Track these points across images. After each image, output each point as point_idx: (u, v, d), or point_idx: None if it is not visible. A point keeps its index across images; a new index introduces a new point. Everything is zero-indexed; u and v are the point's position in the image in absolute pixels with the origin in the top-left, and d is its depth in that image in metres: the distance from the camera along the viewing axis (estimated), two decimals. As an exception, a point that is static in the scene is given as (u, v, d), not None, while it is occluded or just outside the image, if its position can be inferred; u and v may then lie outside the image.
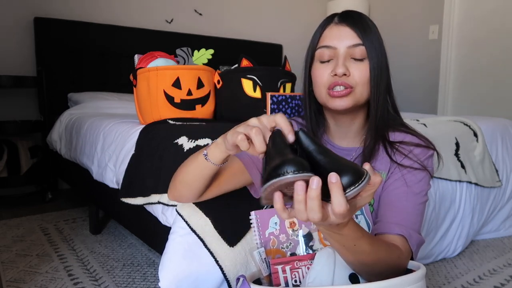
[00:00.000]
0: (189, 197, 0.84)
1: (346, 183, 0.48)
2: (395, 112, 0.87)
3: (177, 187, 0.83)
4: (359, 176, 0.49)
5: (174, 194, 0.85)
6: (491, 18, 3.15)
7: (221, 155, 0.71)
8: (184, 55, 1.59)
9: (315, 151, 0.53)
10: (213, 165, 0.73)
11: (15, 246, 1.73)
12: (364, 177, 0.49)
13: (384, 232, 0.77)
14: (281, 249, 0.81)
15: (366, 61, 0.79)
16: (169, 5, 3.12)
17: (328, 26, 0.82)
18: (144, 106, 1.53)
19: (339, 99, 0.79)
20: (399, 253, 0.73)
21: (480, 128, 1.76)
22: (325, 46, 0.80)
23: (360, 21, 0.80)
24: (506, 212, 1.84)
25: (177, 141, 1.14)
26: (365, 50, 0.78)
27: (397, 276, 0.73)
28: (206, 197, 0.86)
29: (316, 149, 0.53)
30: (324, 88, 0.80)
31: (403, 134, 0.84)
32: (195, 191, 0.82)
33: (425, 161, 0.82)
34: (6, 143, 2.37)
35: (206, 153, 0.73)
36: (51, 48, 2.53)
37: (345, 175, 0.49)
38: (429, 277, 1.43)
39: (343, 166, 0.50)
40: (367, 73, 0.78)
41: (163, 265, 0.93)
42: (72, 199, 2.50)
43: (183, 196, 0.84)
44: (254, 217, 0.82)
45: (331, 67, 0.79)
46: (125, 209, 1.33)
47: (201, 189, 0.82)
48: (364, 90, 0.80)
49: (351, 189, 0.49)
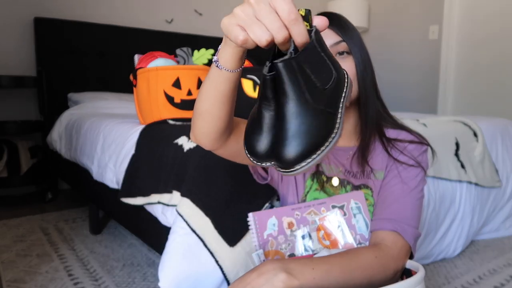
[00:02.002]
0: (209, 133, 0.69)
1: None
2: (383, 107, 0.87)
3: (196, 122, 0.69)
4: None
5: (194, 131, 0.70)
6: (491, 18, 3.15)
7: (233, 55, 0.55)
8: (184, 55, 1.59)
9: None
10: (228, 73, 0.58)
11: (15, 246, 1.73)
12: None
13: (376, 229, 0.78)
14: (279, 250, 0.81)
15: (350, 56, 0.80)
16: (169, 5, 3.12)
17: None
18: (144, 106, 1.53)
19: None
20: (392, 251, 0.73)
21: (480, 128, 1.76)
22: None
23: (338, 20, 0.81)
24: (506, 212, 1.84)
25: (177, 141, 1.14)
26: (347, 46, 0.79)
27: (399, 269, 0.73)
28: (227, 145, 0.73)
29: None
30: None
31: (397, 131, 0.85)
32: (215, 123, 0.66)
33: (419, 157, 0.83)
34: (6, 143, 2.37)
35: (216, 59, 0.58)
36: (51, 48, 2.53)
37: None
38: (429, 277, 1.43)
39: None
40: (353, 68, 0.79)
41: (163, 265, 0.93)
42: (72, 199, 2.50)
43: (203, 133, 0.69)
44: (252, 218, 0.82)
45: None
46: (125, 209, 1.33)
47: (222, 118, 0.66)
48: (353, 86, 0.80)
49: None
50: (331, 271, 0.66)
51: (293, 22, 0.44)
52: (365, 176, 0.85)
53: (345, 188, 0.86)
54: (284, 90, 0.44)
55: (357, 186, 0.85)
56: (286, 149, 0.44)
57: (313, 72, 0.45)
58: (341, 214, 0.83)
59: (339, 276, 0.66)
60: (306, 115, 0.44)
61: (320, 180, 0.88)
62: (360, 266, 0.69)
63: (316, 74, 0.45)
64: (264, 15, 0.45)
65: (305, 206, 0.84)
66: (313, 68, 0.45)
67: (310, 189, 0.89)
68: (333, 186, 0.87)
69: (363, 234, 0.81)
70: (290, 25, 0.44)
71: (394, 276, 0.73)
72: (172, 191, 1.06)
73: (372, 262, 0.70)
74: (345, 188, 0.86)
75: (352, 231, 0.81)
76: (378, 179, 0.83)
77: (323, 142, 0.44)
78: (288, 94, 0.43)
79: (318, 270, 0.65)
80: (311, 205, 0.84)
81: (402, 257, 0.75)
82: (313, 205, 0.84)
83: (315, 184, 0.88)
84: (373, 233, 0.78)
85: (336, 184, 0.87)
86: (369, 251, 0.72)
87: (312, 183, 0.89)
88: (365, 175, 0.85)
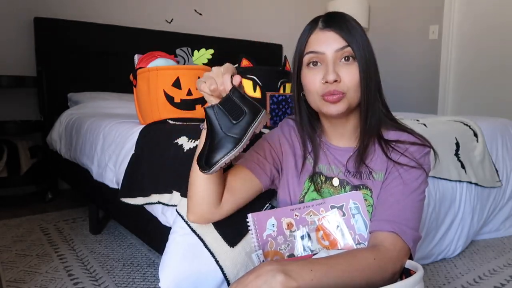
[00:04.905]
0: (205, 208, 0.83)
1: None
2: (386, 111, 0.87)
3: (191, 200, 0.83)
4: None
5: (192, 210, 0.84)
6: (491, 18, 3.15)
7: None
8: (184, 55, 1.59)
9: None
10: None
11: (15, 246, 1.73)
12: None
13: (375, 230, 0.77)
14: (279, 251, 0.81)
15: (355, 62, 0.79)
16: (169, 5, 3.12)
17: (313, 31, 0.82)
18: (144, 106, 1.53)
19: (333, 105, 0.79)
20: (391, 253, 0.73)
21: (480, 128, 1.76)
22: (312, 51, 0.81)
23: (344, 23, 0.80)
24: (506, 212, 1.84)
25: (177, 141, 1.14)
26: (353, 51, 0.79)
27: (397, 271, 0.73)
28: (224, 209, 0.85)
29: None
30: (317, 95, 0.81)
31: (399, 133, 0.85)
32: (210, 196, 0.81)
33: (421, 159, 0.82)
34: (6, 143, 2.37)
35: (202, 125, 0.80)
36: (51, 48, 2.53)
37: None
38: (429, 277, 1.43)
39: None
40: (357, 75, 0.79)
41: (163, 265, 0.93)
42: (72, 199, 2.50)
43: (200, 210, 0.83)
44: (251, 219, 0.82)
45: (321, 72, 0.80)
46: (125, 209, 1.33)
47: (215, 189, 0.81)
48: (355, 93, 0.80)
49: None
50: (330, 273, 0.66)
51: (220, 83, 0.73)
52: (365, 177, 0.84)
53: (344, 188, 0.86)
54: (211, 122, 0.72)
55: (357, 186, 0.85)
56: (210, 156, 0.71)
57: (229, 112, 0.71)
58: (340, 214, 0.83)
59: (338, 277, 0.66)
60: (223, 137, 0.71)
61: (317, 182, 0.88)
62: (359, 268, 0.69)
63: (230, 113, 0.71)
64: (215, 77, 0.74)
65: (304, 206, 0.84)
66: (229, 110, 0.71)
67: (308, 190, 0.89)
68: (333, 186, 0.87)
69: (362, 234, 0.81)
70: (219, 84, 0.73)
71: (393, 278, 0.73)
72: (172, 191, 1.06)
73: (371, 264, 0.70)
74: (345, 188, 0.86)
75: (351, 231, 0.82)
76: (378, 180, 0.83)
77: (231, 151, 0.70)
78: (213, 125, 0.71)
79: (317, 272, 0.65)
80: (310, 205, 0.84)
81: (400, 259, 0.74)
82: (312, 205, 0.84)
83: (313, 186, 0.88)
84: (372, 234, 0.78)
85: (336, 184, 0.87)
86: (367, 252, 0.72)
87: (310, 185, 0.89)
88: (365, 176, 0.84)
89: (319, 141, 0.91)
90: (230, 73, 0.72)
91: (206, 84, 0.73)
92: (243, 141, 0.70)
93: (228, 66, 0.74)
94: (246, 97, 0.72)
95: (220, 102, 0.71)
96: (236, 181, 0.86)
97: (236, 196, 0.86)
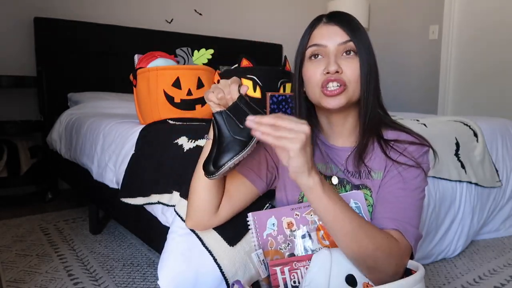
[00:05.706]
0: (204, 216, 0.85)
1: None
2: (383, 111, 0.87)
3: (191, 207, 0.86)
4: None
5: (191, 217, 0.87)
6: (491, 18, 3.15)
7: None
8: (184, 55, 1.59)
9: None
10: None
11: (15, 246, 1.73)
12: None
13: (379, 227, 0.77)
14: (279, 250, 0.81)
15: (356, 57, 0.80)
16: (169, 5, 3.12)
17: (317, 26, 0.84)
18: (144, 106, 1.53)
19: (333, 98, 0.79)
20: (399, 244, 0.73)
21: (480, 128, 1.76)
22: (315, 44, 0.82)
23: (348, 20, 0.82)
24: (506, 212, 1.84)
25: (177, 141, 1.14)
26: (355, 47, 0.79)
27: (400, 270, 0.73)
28: (221, 215, 0.87)
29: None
30: (318, 86, 0.81)
31: (397, 132, 0.85)
32: (209, 204, 0.84)
33: (420, 158, 0.82)
34: (6, 143, 2.37)
35: (206, 136, 0.83)
36: (51, 48, 2.53)
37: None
38: (429, 277, 1.43)
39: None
40: (358, 69, 0.80)
41: (162, 265, 0.93)
42: (72, 199, 2.50)
43: (198, 218, 0.86)
44: (251, 218, 0.82)
45: (323, 64, 0.80)
46: (125, 209, 1.33)
47: (215, 197, 0.84)
48: (356, 87, 0.81)
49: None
50: (348, 214, 0.70)
51: (228, 92, 0.76)
52: (364, 176, 0.84)
53: (344, 187, 0.86)
54: (219, 127, 0.75)
55: (357, 185, 0.85)
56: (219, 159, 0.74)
57: (236, 117, 0.74)
58: (341, 214, 0.82)
59: (351, 222, 0.70)
60: (231, 141, 0.75)
61: None
62: (370, 235, 0.71)
63: (237, 118, 0.74)
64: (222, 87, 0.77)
65: (304, 206, 0.84)
66: (236, 115, 0.74)
67: None
68: (333, 185, 0.87)
69: (362, 234, 0.81)
70: (227, 93, 0.76)
71: (395, 274, 0.73)
72: (172, 191, 1.06)
73: (383, 240, 0.72)
74: (345, 187, 0.86)
75: (351, 231, 0.81)
76: (376, 179, 0.83)
77: (239, 153, 0.74)
78: (221, 129, 0.75)
79: (342, 206, 0.71)
80: (311, 205, 0.84)
81: (404, 256, 0.74)
82: (313, 205, 0.84)
83: None
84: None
85: (335, 182, 0.87)
86: (383, 231, 0.74)
87: None
88: (364, 175, 0.84)
89: (315, 139, 0.91)
90: (237, 84, 0.75)
91: (214, 93, 0.75)
92: (251, 143, 0.73)
93: (235, 78, 0.77)
94: (252, 105, 0.75)
95: (228, 108, 0.75)
96: (232, 187, 0.88)
97: (232, 201, 0.87)
